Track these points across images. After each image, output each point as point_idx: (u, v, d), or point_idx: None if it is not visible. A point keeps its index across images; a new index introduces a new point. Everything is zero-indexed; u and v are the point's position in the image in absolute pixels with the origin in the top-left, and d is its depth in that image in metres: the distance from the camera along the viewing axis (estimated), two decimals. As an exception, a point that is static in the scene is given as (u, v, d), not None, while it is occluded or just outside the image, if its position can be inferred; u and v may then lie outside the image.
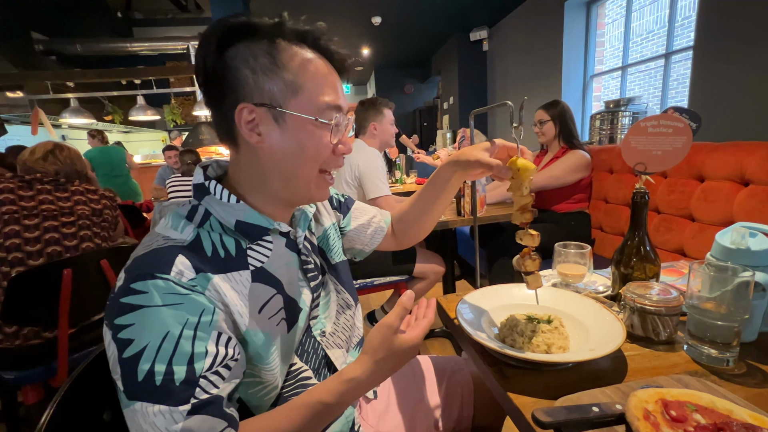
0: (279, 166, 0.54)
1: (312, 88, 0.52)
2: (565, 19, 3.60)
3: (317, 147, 0.54)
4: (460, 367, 0.87)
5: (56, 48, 4.88)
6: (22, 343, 1.25)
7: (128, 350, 0.42)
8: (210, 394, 0.44)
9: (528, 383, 0.53)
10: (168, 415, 0.41)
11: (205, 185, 0.54)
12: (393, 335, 0.51)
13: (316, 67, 0.53)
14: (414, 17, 4.81)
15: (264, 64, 0.50)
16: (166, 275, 0.45)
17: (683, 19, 2.73)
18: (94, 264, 1.32)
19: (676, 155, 0.74)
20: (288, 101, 0.51)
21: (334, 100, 0.54)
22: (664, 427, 0.40)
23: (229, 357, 0.47)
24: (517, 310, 0.68)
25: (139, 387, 0.42)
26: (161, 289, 0.44)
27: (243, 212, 0.54)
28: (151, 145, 7.21)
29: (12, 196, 1.26)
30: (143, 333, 0.43)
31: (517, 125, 0.67)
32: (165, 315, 0.43)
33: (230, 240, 0.53)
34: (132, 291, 0.44)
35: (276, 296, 0.55)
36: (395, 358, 0.51)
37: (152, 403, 0.41)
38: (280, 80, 0.51)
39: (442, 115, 6.41)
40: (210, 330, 0.46)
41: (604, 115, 2.77)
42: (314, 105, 0.52)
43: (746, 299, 0.53)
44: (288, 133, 0.52)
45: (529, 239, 0.64)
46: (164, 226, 0.52)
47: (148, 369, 0.42)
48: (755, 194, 1.37)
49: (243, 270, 0.52)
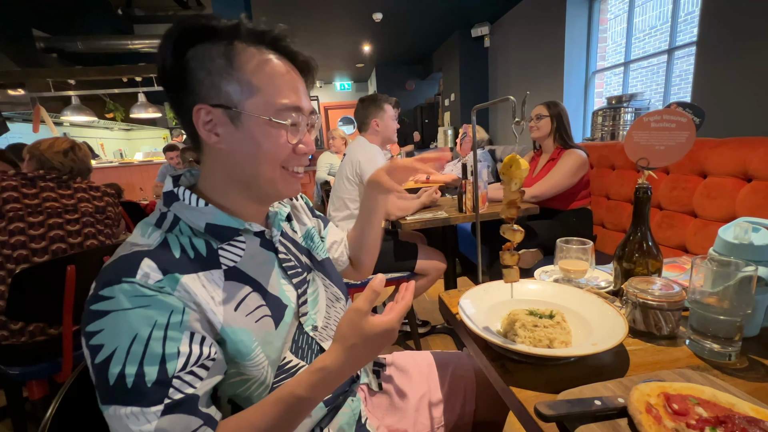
0: (239, 167, 0.55)
1: (268, 88, 0.52)
2: (567, 15, 3.57)
3: (274, 147, 0.54)
4: (462, 363, 0.87)
5: (57, 45, 4.87)
6: (27, 339, 1.26)
7: (99, 355, 0.43)
8: (184, 394, 0.44)
9: (530, 378, 0.54)
10: (141, 416, 0.42)
11: (174, 192, 0.55)
12: (361, 319, 0.48)
13: (273, 68, 0.53)
14: (415, 13, 4.78)
15: (220, 66, 0.51)
16: (132, 278, 0.45)
17: (686, 14, 2.71)
18: (98, 260, 1.32)
19: (679, 150, 0.73)
20: (244, 102, 0.52)
21: (293, 101, 0.54)
22: (666, 420, 0.40)
23: (205, 356, 0.47)
24: (519, 306, 0.68)
25: (111, 391, 0.42)
26: (127, 293, 0.44)
27: (212, 215, 0.54)
28: (153, 143, 7.21)
29: (16, 194, 1.26)
30: (112, 337, 0.43)
31: (519, 120, 0.67)
32: (132, 318, 0.44)
33: (200, 241, 0.54)
34: (100, 298, 0.44)
35: (252, 294, 0.55)
36: (368, 343, 0.48)
37: (124, 406, 0.42)
38: (236, 81, 0.51)
39: (444, 111, 6.40)
40: (182, 330, 0.46)
41: (606, 111, 2.75)
42: (270, 105, 0.52)
43: (749, 294, 0.53)
44: (245, 133, 0.52)
45: (511, 234, 0.64)
46: (133, 235, 0.53)
47: (118, 372, 0.42)
48: (758, 190, 1.36)
49: (215, 269, 0.53)
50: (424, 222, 1.67)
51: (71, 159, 1.42)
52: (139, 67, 4.60)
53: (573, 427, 0.42)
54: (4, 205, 1.24)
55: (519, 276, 0.67)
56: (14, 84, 4.26)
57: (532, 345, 0.58)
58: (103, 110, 5.26)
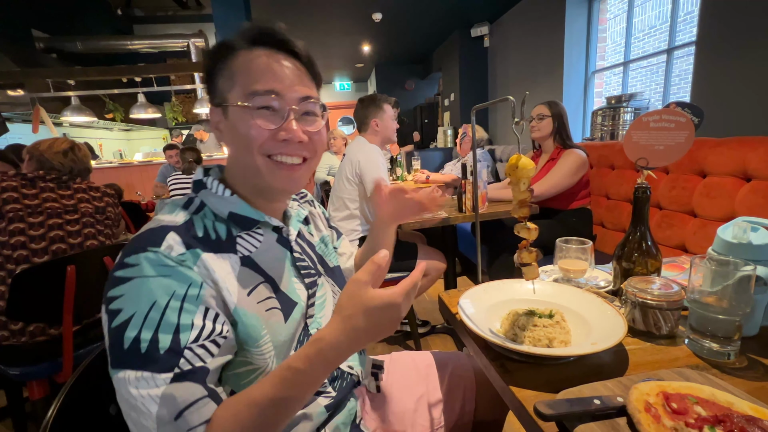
0: (233, 157, 0.59)
1: (244, 77, 0.55)
2: (567, 15, 3.58)
3: (247, 132, 0.54)
4: (462, 362, 0.87)
5: (57, 46, 4.87)
6: (28, 340, 1.26)
7: (116, 319, 0.44)
8: (194, 366, 0.45)
9: (530, 377, 0.54)
10: (151, 380, 0.43)
11: (203, 180, 0.59)
12: (360, 289, 0.45)
13: (252, 59, 0.55)
14: (415, 13, 4.79)
15: (220, 70, 0.57)
16: (157, 248, 0.47)
17: (685, 14, 2.71)
18: (98, 261, 1.32)
19: (678, 150, 0.74)
20: (227, 95, 0.56)
21: (266, 86, 0.54)
22: (665, 419, 0.40)
23: (217, 333, 0.48)
24: (519, 305, 0.68)
25: (124, 354, 0.43)
26: (151, 261, 0.46)
27: (236, 204, 0.58)
28: (152, 143, 7.21)
29: (16, 195, 1.26)
30: (131, 302, 0.44)
31: (519, 120, 0.67)
32: (153, 285, 0.45)
33: (222, 226, 0.56)
34: (125, 264, 0.46)
35: (263, 284, 0.56)
36: (368, 316, 0.44)
37: (135, 370, 0.43)
38: (226, 79, 0.56)
39: (443, 111, 6.40)
40: (197, 303, 0.47)
41: (606, 111, 2.76)
42: (246, 93, 0.55)
43: (747, 293, 0.53)
44: (230, 124, 0.56)
45: (526, 232, 0.65)
46: (160, 214, 0.55)
47: (134, 336, 0.43)
48: (757, 190, 1.37)
49: (232, 254, 0.55)
50: (423, 222, 1.67)
51: (71, 159, 1.42)
52: (139, 68, 4.60)
53: (572, 427, 0.42)
54: (4, 206, 1.24)
55: (539, 272, 0.67)
56: (14, 84, 4.26)
57: (532, 344, 0.58)
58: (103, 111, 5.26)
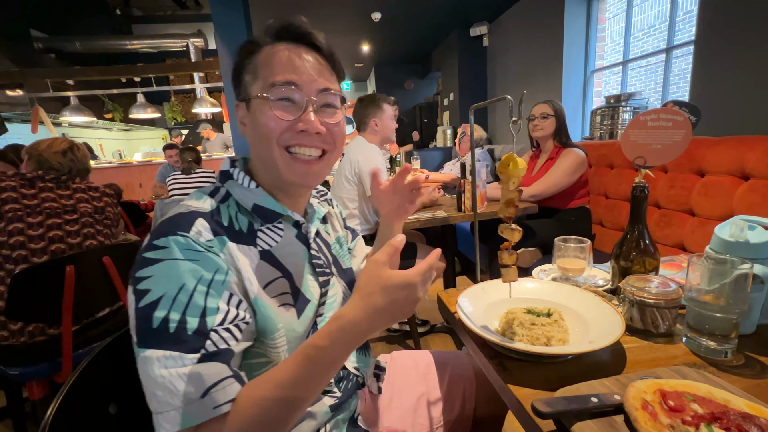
0: (255, 150, 0.60)
1: (265, 70, 0.56)
2: (566, 14, 3.58)
3: (266, 122, 0.55)
4: (461, 362, 0.87)
5: (56, 46, 4.87)
6: (27, 340, 1.26)
7: (144, 299, 0.45)
8: (219, 348, 0.46)
9: (528, 375, 0.54)
10: (179, 359, 0.43)
11: (230, 171, 0.60)
12: (379, 268, 0.46)
13: (273, 53, 0.57)
14: (414, 13, 4.79)
15: (245, 65, 0.58)
16: (186, 233, 0.48)
17: (684, 13, 2.72)
18: (97, 260, 1.32)
19: (675, 149, 0.74)
20: (250, 89, 0.57)
21: (285, 77, 0.55)
22: (662, 416, 0.40)
23: (240, 318, 0.49)
24: (517, 304, 0.69)
25: (152, 334, 0.44)
26: (181, 245, 0.47)
27: (260, 197, 0.59)
28: (152, 143, 7.21)
29: (15, 195, 1.26)
30: (160, 283, 0.45)
31: (516, 119, 0.67)
32: (182, 268, 0.46)
33: (244, 219, 0.57)
34: (154, 246, 0.47)
35: (280, 279, 0.57)
36: (387, 294, 0.45)
37: (163, 349, 0.43)
38: (250, 74, 0.58)
39: (443, 111, 6.40)
40: (222, 289, 0.48)
41: (605, 110, 2.76)
42: (266, 85, 0.56)
43: (745, 292, 0.53)
44: (252, 117, 0.57)
45: (509, 233, 0.64)
46: (187, 199, 0.56)
47: (162, 317, 0.44)
48: (755, 189, 1.37)
49: (252, 246, 0.56)
50: (423, 221, 1.68)
51: (70, 159, 1.42)
52: (138, 68, 4.59)
53: (570, 424, 0.42)
54: (2, 206, 1.24)
55: (517, 275, 0.67)
56: (12, 84, 4.26)
57: (530, 343, 0.58)
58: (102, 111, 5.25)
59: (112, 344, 0.59)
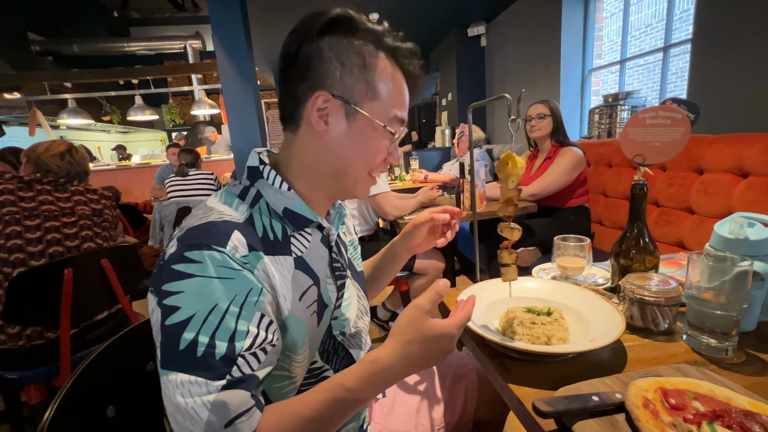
0: (334, 158, 0.56)
1: (388, 97, 0.55)
2: (563, 14, 3.58)
3: (375, 152, 0.56)
4: (463, 362, 0.87)
5: (53, 48, 4.86)
6: (25, 343, 1.25)
7: (173, 317, 0.43)
8: (244, 374, 0.44)
9: (528, 375, 0.54)
10: (204, 386, 0.41)
11: (260, 169, 0.56)
12: (422, 316, 0.46)
13: (396, 80, 0.56)
14: (411, 13, 4.79)
15: (354, 62, 0.52)
16: (223, 248, 0.45)
17: (681, 12, 2.72)
18: (95, 263, 1.32)
19: (674, 146, 0.74)
20: (364, 102, 0.54)
21: (403, 115, 0.57)
22: (664, 414, 0.40)
23: (267, 341, 0.47)
24: (517, 303, 0.68)
25: (178, 356, 0.42)
26: (217, 261, 0.44)
27: (292, 201, 0.55)
28: (150, 145, 7.21)
29: (12, 198, 1.26)
30: (191, 302, 0.43)
31: (515, 118, 0.67)
32: (216, 287, 0.44)
33: (278, 225, 0.55)
34: (186, 259, 0.44)
35: (312, 287, 0.56)
36: (425, 343, 0.45)
37: (188, 374, 0.41)
38: (363, 81, 0.53)
39: (441, 111, 6.39)
40: (254, 310, 0.46)
41: (603, 109, 2.76)
42: (386, 113, 0.55)
43: (745, 289, 0.53)
44: (354, 130, 0.54)
45: (508, 232, 0.64)
46: (217, 202, 0.53)
47: (191, 339, 0.42)
48: (754, 186, 1.37)
49: (287, 255, 0.53)
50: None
51: (68, 162, 1.41)
52: (136, 70, 4.59)
53: (571, 423, 0.42)
54: (0, 209, 1.23)
55: (517, 274, 0.67)
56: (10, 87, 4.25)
57: (530, 342, 0.58)
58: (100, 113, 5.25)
59: (110, 347, 0.59)
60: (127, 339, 0.62)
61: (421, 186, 2.79)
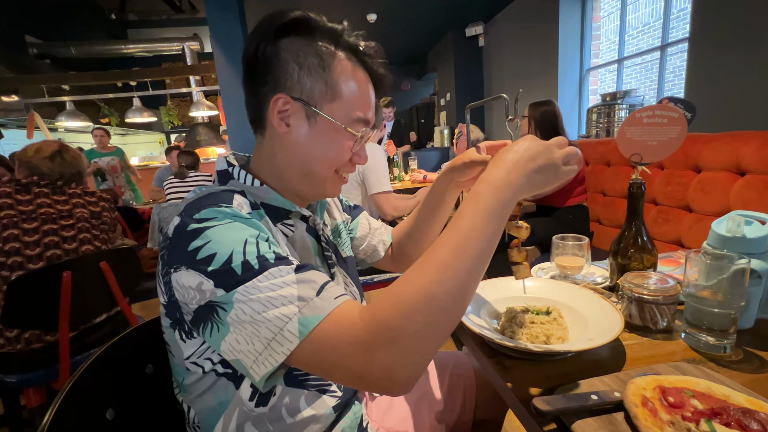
0: (300, 160, 0.56)
1: (349, 97, 0.54)
2: (561, 13, 3.59)
3: (338, 153, 0.56)
4: (461, 362, 0.87)
5: (50, 51, 4.85)
6: (24, 347, 1.25)
7: (215, 261, 0.43)
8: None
9: (527, 374, 0.54)
10: (278, 273, 0.43)
11: (229, 171, 0.57)
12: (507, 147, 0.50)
13: (358, 80, 0.55)
14: (409, 14, 4.80)
15: (312, 63, 0.52)
16: (229, 205, 0.47)
17: (678, 10, 2.73)
18: (94, 266, 1.32)
19: (671, 145, 0.74)
20: (324, 103, 0.53)
21: (366, 116, 0.56)
22: (662, 412, 0.40)
23: None
24: (516, 302, 0.68)
25: (241, 277, 0.42)
26: (227, 213, 0.46)
27: (267, 195, 0.56)
28: (149, 147, 7.19)
29: (10, 201, 1.25)
30: (222, 242, 0.43)
31: (513, 118, 0.67)
32: (236, 227, 0.45)
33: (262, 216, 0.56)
34: (197, 220, 0.45)
35: None
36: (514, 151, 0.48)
37: (258, 277, 0.42)
38: (322, 82, 0.53)
39: (439, 111, 6.40)
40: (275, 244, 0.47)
41: (601, 108, 2.77)
42: (347, 114, 0.54)
43: (742, 286, 0.53)
44: (316, 132, 0.54)
45: (515, 231, 0.64)
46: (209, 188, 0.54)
47: (242, 261, 0.43)
48: (751, 184, 1.37)
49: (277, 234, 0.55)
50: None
51: (59, 164, 1.38)
52: (134, 72, 4.58)
53: (570, 422, 0.42)
54: (-2, 212, 1.23)
55: (530, 271, 0.67)
56: (8, 90, 4.24)
57: (529, 341, 0.58)
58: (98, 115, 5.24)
59: (109, 350, 0.59)
60: (127, 341, 0.62)
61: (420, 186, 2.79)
